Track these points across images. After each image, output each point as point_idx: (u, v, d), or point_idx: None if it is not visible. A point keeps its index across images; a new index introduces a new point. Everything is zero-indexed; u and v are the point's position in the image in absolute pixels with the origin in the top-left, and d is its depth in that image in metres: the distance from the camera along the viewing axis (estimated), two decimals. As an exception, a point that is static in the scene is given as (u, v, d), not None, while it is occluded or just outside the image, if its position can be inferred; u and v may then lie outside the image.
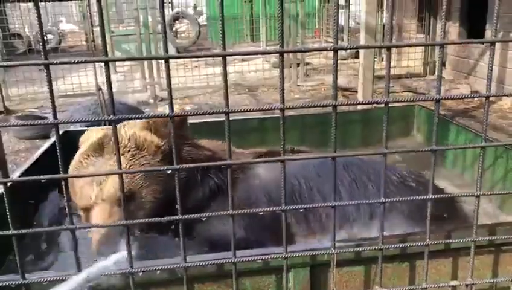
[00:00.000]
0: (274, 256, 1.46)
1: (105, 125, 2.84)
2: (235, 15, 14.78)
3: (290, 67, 9.37)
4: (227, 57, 1.27)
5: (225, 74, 1.28)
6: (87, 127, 3.18)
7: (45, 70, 1.21)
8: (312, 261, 1.54)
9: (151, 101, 8.64)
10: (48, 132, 6.31)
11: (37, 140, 6.67)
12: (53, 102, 1.24)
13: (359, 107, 4.50)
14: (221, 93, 9.27)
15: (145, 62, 8.94)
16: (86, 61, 1.26)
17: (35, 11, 1.15)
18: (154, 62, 9.00)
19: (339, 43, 1.27)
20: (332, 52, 1.30)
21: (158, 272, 1.43)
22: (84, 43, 15.05)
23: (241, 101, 8.47)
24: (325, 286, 1.60)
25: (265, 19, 13.12)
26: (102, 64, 1.24)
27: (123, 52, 10.61)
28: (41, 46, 1.19)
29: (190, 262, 1.39)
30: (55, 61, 1.21)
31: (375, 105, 3.83)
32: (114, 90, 1.23)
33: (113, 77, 1.08)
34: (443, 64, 8.79)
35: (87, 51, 13.43)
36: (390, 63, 1.40)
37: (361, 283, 1.63)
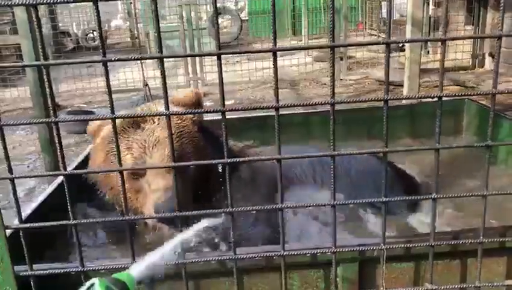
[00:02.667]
0: (323, 250, 1.46)
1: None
2: (277, 9, 14.66)
3: (333, 61, 9.24)
4: (268, 52, 1.29)
5: (275, 69, 1.29)
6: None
7: (103, 67, 1.27)
8: (361, 257, 1.53)
9: (194, 96, 8.75)
10: (96, 126, 6.49)
11: (86, 134, 6.87)
12: (110, 97, 1.29)
13: (404, 101, 4.40)
14: (262, 88, 9.28)
15: (189, 58, 9.07)
16: (141, 58, 1.31)
17: (95, 11, 1.20)
18: (197, 58, 9.11)
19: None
20: (385, 46, 1.29)
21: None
22: (128, 39, 15.38)
23: (282, 96, 8.45)
24: (374, 281, 1.59)
25: (307, 13, 12.99)
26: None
27: (167, 49, 10.83)
28: (89, 43, 1.24)
29: (240, 254, 1.42)
30: (113, 58, 1.26)
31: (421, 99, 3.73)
32: (158, 85, 1.27)
33: (156, 73, 1.12)
34: (493, 56, 8.45)
35: (132, 48, 13.71)
36: (444, 56, 1.38)
37: (410, 280, 1.61)
